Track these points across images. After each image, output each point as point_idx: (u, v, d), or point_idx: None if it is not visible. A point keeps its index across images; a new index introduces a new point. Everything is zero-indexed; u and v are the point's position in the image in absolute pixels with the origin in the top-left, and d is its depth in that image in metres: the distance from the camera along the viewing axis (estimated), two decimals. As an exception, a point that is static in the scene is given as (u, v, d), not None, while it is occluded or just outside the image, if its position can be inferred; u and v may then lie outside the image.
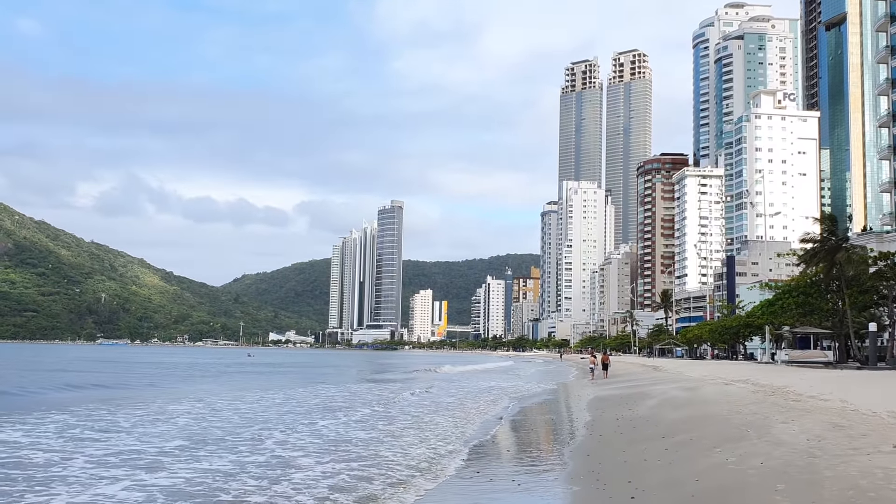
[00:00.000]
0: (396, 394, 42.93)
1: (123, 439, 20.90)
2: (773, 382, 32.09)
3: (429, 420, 27.23)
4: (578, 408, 32.45)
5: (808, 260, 61.31)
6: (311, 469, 16.57)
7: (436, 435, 22.64)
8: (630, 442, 18.63)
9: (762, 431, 16.69)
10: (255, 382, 57.18)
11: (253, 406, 33.15)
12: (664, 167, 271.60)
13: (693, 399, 28.35)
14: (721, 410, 22.40)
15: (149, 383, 53.78)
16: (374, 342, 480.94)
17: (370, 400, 37.93)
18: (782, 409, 20.99)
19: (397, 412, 30.64)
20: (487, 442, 21.51)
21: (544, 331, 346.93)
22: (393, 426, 25.13)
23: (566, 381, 60.48)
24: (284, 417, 27.86)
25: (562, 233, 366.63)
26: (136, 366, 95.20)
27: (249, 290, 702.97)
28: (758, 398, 24.95)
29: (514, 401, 38.45)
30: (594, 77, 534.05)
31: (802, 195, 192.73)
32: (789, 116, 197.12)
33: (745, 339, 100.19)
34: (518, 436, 24.25)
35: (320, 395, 41.09)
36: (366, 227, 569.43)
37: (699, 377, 44.30)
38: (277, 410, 31.07)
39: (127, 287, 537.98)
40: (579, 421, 25.94)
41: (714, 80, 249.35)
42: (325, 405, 34.28)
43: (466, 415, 29.62)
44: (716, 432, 17.82)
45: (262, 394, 41.70)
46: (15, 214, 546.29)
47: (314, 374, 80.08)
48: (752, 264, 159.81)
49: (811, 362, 59.40)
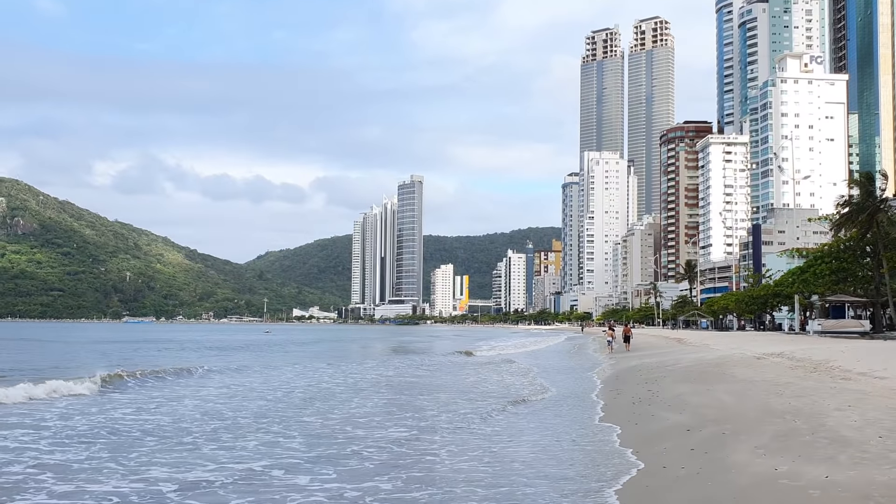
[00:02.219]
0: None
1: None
2: (812, 356, 28.46)
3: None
4: (592, 386, 29.33)
5: (843, 223, 57.41)
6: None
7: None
8: (647, 439, 15.02)
9: (814, 423, 13.29)
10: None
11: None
12: (688, 135, 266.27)
13: (722, 376, 24.60)
14: (757, 392, 18.90)
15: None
16: (396, 317, 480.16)
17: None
18: (832, 390, 17.54)
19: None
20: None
21: (566, 304, 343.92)
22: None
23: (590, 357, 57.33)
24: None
25: (583, 204, 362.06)
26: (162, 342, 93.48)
27: (273, 267, 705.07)
28: (798, 375, 21.41)
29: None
30: (615, 46, 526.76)
31: (830, 161, 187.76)
32: (816, 80, 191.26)
33: (773, 309, 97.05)
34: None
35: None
36: (386, 202, 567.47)
37: (727, 350, 40.58)
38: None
39: (151, 265, 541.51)
40: (591, 404, 22.84)
41: (738, 45, 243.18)
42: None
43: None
44: (754, 423, 14.34)
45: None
46: (39, 195, 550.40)
47: (329, 355, 75.96)
48: (778, 233, 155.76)
49: (846, 332, 55.82)
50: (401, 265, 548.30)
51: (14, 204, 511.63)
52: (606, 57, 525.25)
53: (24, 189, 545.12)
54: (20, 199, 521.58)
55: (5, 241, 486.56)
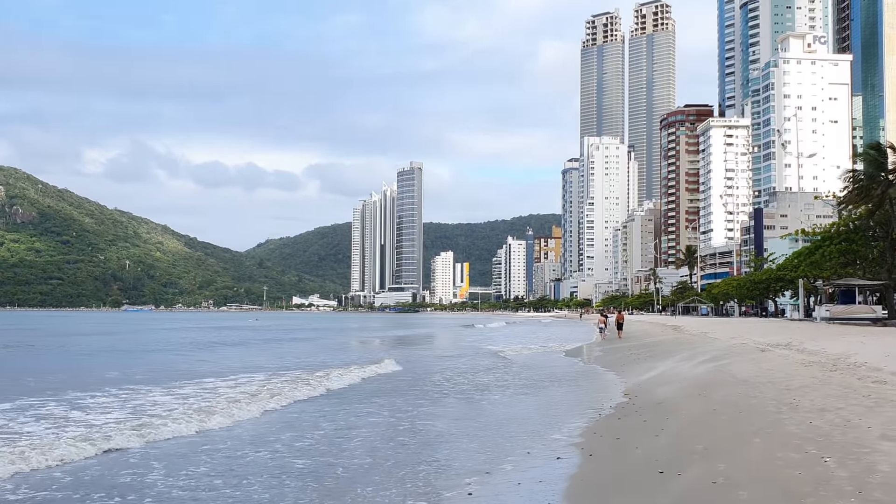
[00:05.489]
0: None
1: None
2: (826, 348, 24.04)
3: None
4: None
5: (852, 200, 52.94)
6: None
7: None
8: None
9: (856, 464, 8.40)
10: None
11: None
12: (688, 119, 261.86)
13: (720, 379, 19.67)
14: (763, 403, 14.12)
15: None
16: (396, 305, 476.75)
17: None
18: (866, 400, 12.83)
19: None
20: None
21: (566, 290, 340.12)
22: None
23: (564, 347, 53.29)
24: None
25: (583, 190, 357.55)
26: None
27: (273, 255, 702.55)
28: (815, 376, 16.85)
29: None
30: (616, 30, 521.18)
31: (833, 143, 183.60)
32: (819, 61, 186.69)
33: (775, 294, 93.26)
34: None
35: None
36: (385, 189, 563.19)
37: (727, 340, 36.16)
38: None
39: (151, 254, 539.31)
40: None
41: (739, 26, 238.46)
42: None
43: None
44: (762, 463, 9.35)
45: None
46: (38, 183, 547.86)
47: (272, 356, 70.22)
48: (780, 216, 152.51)
49: (857, 319, 51.74)
50: (401, 252, 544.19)
51: (13, 192, 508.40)
52: (607, 41, 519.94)
53: (23, 177, 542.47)
54: (19, 188, 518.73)
55: (4, 229, 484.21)
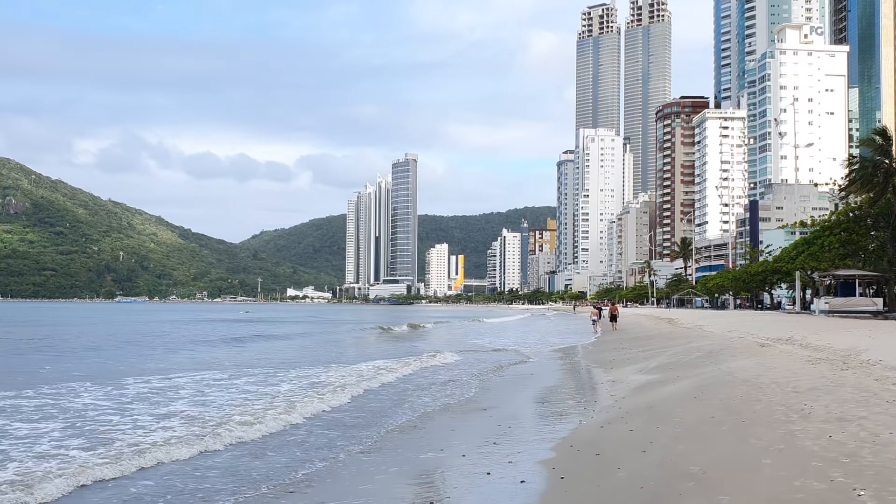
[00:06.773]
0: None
1: None
2: (832, 343, 22.21)
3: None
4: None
5: (854, 188, 51.13)
6: None
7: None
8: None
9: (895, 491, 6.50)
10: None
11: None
12: (684, 111, 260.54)
13: (717, 378, 17.06)
14: (771, 410, 11.54)
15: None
16: (390, 297, 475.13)
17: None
18: (891, 406, 10.64)
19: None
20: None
21: (561, 283, 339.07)
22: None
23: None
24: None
25: (578, 182, 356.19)
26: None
27: (268, 247, 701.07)
28: (825, 375, 14.78)
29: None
30: (612, 21, 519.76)
31: (830, 135, 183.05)
32: (816, 52, 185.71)
33: (771, 287, 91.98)
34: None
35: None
36: (380, 181, 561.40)
37: (723, 334, 34.43)
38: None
39: (145, 245, 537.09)
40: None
41: (736, 17, 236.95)
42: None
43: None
44: (778, 492, 7.20)
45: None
46: (31, 174, 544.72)
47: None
48: (776, 209, 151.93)
49: (857, 312, 50.24)
50: (395, 244, 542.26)
51: (6, 183, 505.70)
52: (603, 33, 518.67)
53: (16, 168, 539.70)
54: (12, 179, 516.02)
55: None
